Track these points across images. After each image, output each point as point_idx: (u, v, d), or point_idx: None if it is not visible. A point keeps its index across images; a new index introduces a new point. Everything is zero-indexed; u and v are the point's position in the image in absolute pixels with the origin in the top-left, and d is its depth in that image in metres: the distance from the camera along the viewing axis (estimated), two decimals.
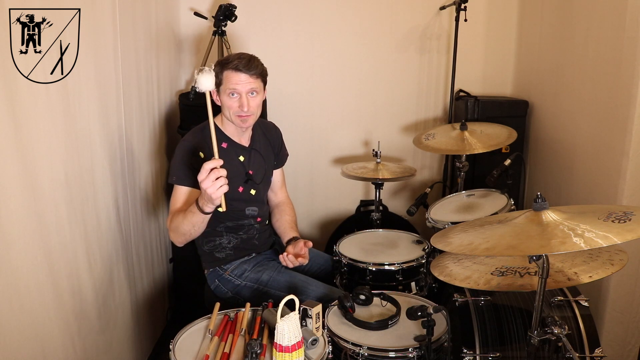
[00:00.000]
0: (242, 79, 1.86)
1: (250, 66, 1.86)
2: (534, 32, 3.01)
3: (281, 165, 2.26)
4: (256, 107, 1.93)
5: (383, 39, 3.15)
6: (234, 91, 1.87)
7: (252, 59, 1.89)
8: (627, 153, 2.11)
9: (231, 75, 1.86)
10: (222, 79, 1.88)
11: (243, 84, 1.86)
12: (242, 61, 1.86)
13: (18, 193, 1.37)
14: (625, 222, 1.23)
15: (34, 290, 1.45)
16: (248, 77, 1.86)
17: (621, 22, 2.11)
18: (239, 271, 2.03)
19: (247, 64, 1.85)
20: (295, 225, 2.20)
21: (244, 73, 1.85)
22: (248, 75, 1.86)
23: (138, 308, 2.29)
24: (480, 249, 1.29)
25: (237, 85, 1.86)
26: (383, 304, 1.80)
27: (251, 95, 1.89)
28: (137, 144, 2.26)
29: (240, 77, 1.86)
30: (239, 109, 1.89)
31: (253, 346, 1.40)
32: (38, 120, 1.44)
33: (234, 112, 1.90)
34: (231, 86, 1.86)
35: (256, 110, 1.94)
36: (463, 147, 2.46)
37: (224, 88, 1.88)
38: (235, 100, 1.88)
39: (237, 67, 1.85)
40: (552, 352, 1.51)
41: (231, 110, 1.90)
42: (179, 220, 1.83)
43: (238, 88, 1.86)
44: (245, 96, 1.88)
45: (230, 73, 1.86)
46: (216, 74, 1.87)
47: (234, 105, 1.89)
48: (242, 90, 1.87)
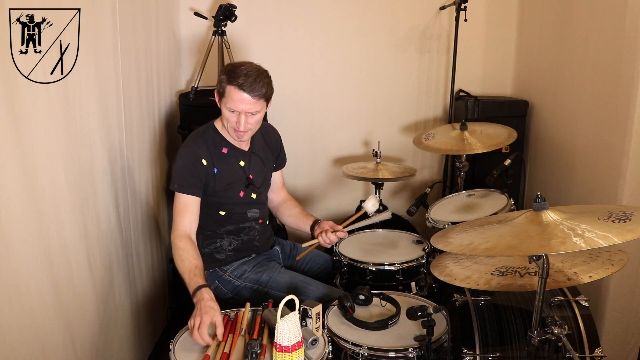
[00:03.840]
0: (243, 99, 1.80)
1: (254, 87, 1.79)
2: (534, 32, 3.01)
3: (280, 168, 2.25)
4: (254, 124, 1.90)
5: (383, 39, 3.15)
6: (233, 108, 1.83)
7: (258, 78, 1.80)
8: (627, 153, 2.10)
9: (233, 92, 1.80)
10: (225, 92, 1.83)
11: (244, 105, 1.81)
12: (247, 80, 1.78)
13: (18, 193, 1.37)
14: (625, 222, 1.22)
15: (34, 290, 1.45)
16: (250, 99, 1.80)
17: (621, 22, 2.11)
18: (239, 272, 2.03)
19: (251, 85, 1.78)
20: (307, 213, 2.21)
21: (246, 94, 1.79)
22: (250, 96, 1.80)
23: (138, 308, 2.29)
24: (480, 249, 1.29)
25: (237, 105, 1.81)
26: (383, 304, 1.80)
27: (251, 114, 1.85)
28: (137, 144, 2.25)
29: (242, 96, 1.80)
30: (236, 125, 1.86)
31: (253, 346, 1.40)
32: (38, 120, 1.44)
33: (231, 125, 1.88)
34: (231, 105, 1.82)
35: (254, 126, 1.91)
36: (463, 147, 2.46)
37: (225, 101, 1.85)
38: (234, 116, 1.85)
39: (241, 86, 1.79)
40: (552, 352, 1.51)
41: (229, 123, 1.88)
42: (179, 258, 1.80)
43: (238, 108, 1.82)
44: (244, 115, 1.84)
45: (233, 90, 1.80)
46: (220, 82, 1.84)
47: (232, 120, 1.86)
48: (241, 110, 1.83)
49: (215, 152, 1.95)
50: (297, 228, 2.21)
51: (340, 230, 2.02)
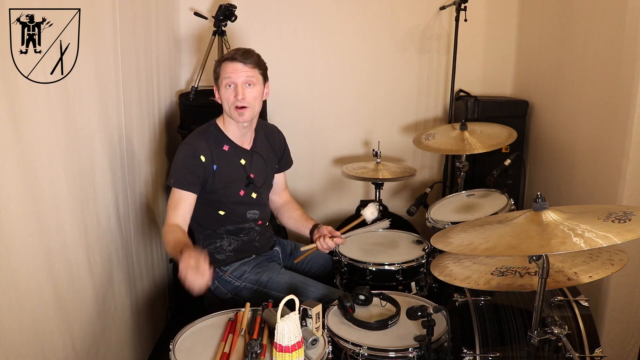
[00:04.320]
0: (237, 68, 1.86)
1: (246, 56, 1.87)
2: (534, 32, 3.01)
3: (284, 169, 2.25)
4: (253, 100, 1.90)
5: (383, 39, 3.15)
6: (229, 81, 1.87)
7: (249, 50, 1.90)
8: (627, 153, 2.10)
9: (227, 65, 1.88)
10: (220, 72, 1.89)
11: (238, 73, 1.86)
12: (238, 51, 1.88)
13: (18, 193, 1.37)
14: (625, 222, 1.23)
15: (34, 290, 1.45)
16: (243, 66, 1.86)
17: (621, 22, 2.11)
18: (239, 272, 2.03)
19: (243, 54, 1.87)
20: (307, 216, 2.20)
21: (239, 62, 1.86)
22: (243, 64, 1.86)
23: (138, 308, 2.29)
24: (480, 249, 1.29)
25: (232, 74, 1.86)
26: (383, 304, 1.80)
27: (247, 87, 1.88)
28: (137, 144, 2.25)
29: (236, 66, 1.86)
30: (234, 99, 1.87)
31: (253, 346, 1.40)
32: (38, 120, 1.44)
33: (231, 103, 1.88)
34: (226, 75, 1.87)
35: (253, 102, 1.91)
36: (463, 147, 2.46)
37: (220, 80, 1.89)
38: (231, 91, 1.88)
39: (233, 56, 1.87)
40: (552, 352, 1.51)
41: (228, 102, 1.89)
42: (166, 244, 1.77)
43: (233, 77, 1.86)
44: (241, 86, 1.87)
45: (226, 63, 1.88)
46: (214, 69, 1.90)
47: (231, 97, 1.88)
48: (237, 80, 1.87)
49: (216, 149, 1.95)
50: (297, 231, 2.20)
51: (338, 237, 2.00)
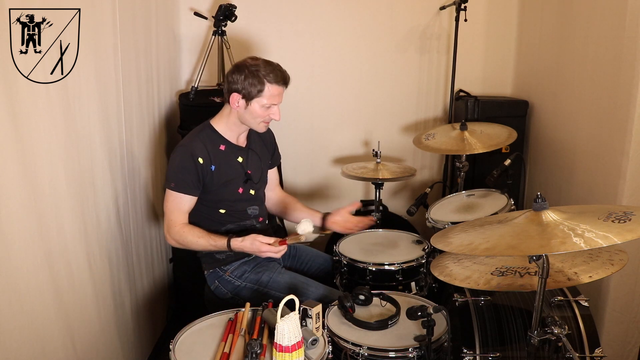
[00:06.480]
0: (281, 92, 1.94)
1: (286, 76, 1.93)
2: (534, 32, 3.01)
3: (275, 165, 2.28)
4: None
5: (383, 39, 3.15)
6: (272, 103, 1.92)
7: (279, 67, 1.94)
8: (627, 153, 2.11)
9: (275, 88, 1.90)
10: (264, 90, 1.88)
11: (281, 97, 1.95)
12: (284, 75, 1.92)
13: (18, 193, 1.37)
14: (625, 222, 1.23)
15: (34, 290, 1.45)
16: (284, 89, 1.95)
17: (621, 22, 2.11)
18: (239, 272, 2.03)
19: (283, 75, 1.92)
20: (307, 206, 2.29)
21: (282, 86, 1.93)
22: (285, 87, 1.95)
23: (138, 308, 2.29)
24: (480, 249, 1.29)
25: (277, 98, 1.93)
26: (383, 304, 1.80)
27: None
28: (137, 144, 2.25)
29: (282, 90, 1.94)
30: (268, 117, 1.95)
31: (253, 346, 1.40)
32: (38, 120, 1.44)
33: (262, 119, 1.95)
34: (272, 97, 1.91)
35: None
36: (463, 147, 2.46)
37: (258, 100, 1.90)
38: (267, 110, 1.93)
39: (284, 80, 1.92)
40: (552, 352, 1.51)
41: (259, 117, 1.94)
42: (193, 237, 1.91)
43: (276, 100, 1.93)
44: (278, 107, 1.96)
45: (275, 87, 1.90)
46: (253, 84, 1.87)
47: (264, 114, 1.93)
48: (278, 102, 1.94)
49: (213, 150, 1.96)
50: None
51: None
